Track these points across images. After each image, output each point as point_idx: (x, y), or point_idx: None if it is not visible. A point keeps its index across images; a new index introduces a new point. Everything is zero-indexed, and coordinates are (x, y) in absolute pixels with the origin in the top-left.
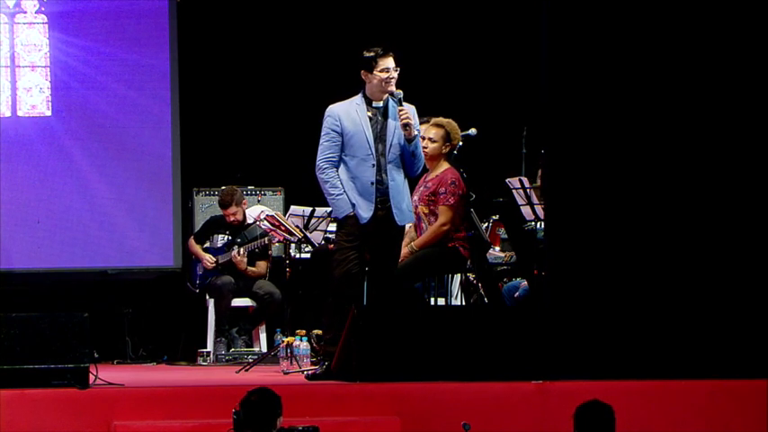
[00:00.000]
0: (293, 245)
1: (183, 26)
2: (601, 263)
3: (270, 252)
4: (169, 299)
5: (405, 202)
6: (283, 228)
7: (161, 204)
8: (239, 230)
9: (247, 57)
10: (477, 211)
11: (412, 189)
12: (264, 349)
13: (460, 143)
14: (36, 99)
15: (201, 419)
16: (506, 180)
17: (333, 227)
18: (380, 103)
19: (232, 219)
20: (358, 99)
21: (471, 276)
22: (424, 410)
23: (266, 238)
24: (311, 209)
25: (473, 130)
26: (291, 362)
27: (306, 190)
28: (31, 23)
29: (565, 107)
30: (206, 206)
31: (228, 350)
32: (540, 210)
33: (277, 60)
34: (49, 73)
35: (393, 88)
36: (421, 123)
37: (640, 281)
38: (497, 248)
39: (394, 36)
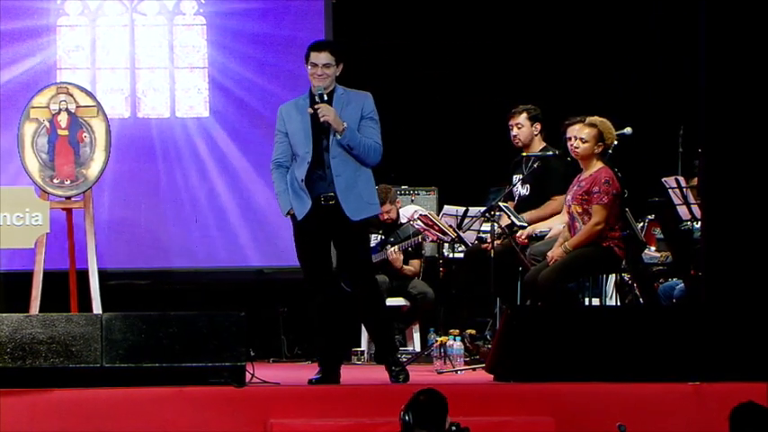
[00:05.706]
0: (446, 244)
1: (338, 26)
2: (760, 263)
3: (423, 251)
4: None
5: (355, 194)
6: (437, 227)
7: None
8: (392, 229)
9: (403, 56)
10: (633, 211)
11: (564, 189)
12: (418, 348)
13: (615, 142)
14: (194, 100)
15: (357, 418)
16: (662, 179)
17: (486, 227)
18: (324, 97)
19: (386, 217)
20: (304, 96)
21: (626, 276)
22: (579, 411)
23: (419, 237)
24: (464, 209)
25: (628, 129)
26: (445, 361)
27: (459, 190)
28: (189, 25)
29: (723, 106)
30: None
31: None
32: (696, 209)
33: (430, 60)
34: (206, 74)
35: (320, 83)
36: (576, 123)
37: None
38: (653, 248)
39: (551, 36)
